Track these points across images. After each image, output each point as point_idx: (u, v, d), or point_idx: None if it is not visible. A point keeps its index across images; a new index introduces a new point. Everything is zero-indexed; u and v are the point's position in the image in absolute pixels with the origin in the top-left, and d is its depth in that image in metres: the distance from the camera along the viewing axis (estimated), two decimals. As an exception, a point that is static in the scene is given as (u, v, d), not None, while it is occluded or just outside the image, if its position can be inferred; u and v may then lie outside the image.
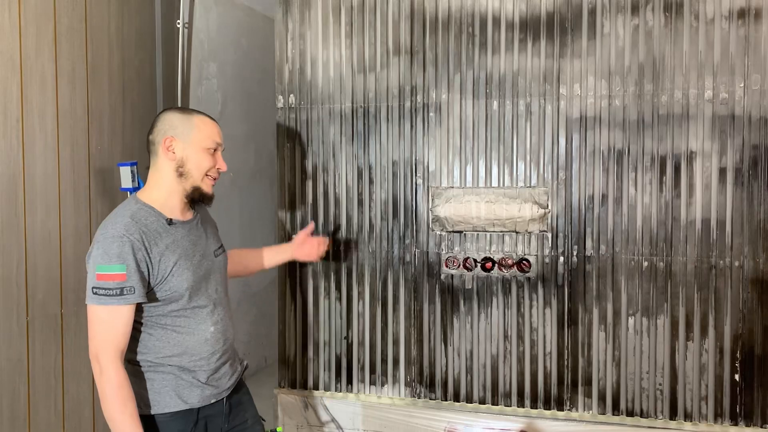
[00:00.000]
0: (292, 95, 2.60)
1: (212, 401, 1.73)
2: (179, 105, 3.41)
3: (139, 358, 1.66)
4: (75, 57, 2.65)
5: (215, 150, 1.73)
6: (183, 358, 1.67)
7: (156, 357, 1.65)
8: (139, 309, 1.62)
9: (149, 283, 1.60)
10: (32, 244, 2.44)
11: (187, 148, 1.68)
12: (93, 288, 1.55)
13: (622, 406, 2.34)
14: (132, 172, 2.62)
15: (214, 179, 1.75)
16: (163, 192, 1.69)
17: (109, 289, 1.53)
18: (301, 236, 2.32)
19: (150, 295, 1.62)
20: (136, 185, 2.63)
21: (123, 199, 2.80)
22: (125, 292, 1.54)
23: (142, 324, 1.64)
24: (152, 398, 1.65)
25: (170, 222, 1.67)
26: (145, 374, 1.66)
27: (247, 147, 4.28)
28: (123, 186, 2.65)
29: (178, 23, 3.40)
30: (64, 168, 2.59)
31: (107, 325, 1.55)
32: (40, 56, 2.49)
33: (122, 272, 1.53)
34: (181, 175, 1.69)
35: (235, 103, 4.13)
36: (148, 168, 1.70)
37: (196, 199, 1.73)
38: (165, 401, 1.65)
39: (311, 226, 2.41)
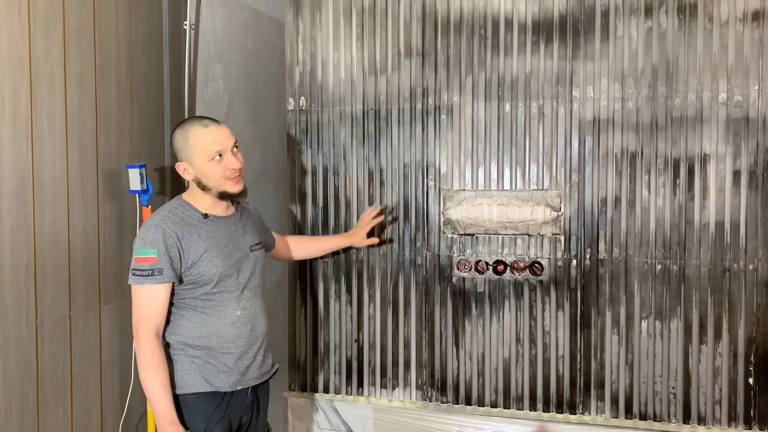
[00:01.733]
0: (302, 97, 2.59)
1: (238, 388, 1.87)
2: (186, 106, 3.40)
3: (172, 339, 1.85)
4: (83, 59, 2.64)
5: (221, 155, 1.84)
6: (211, 339, 1.84)
7: (187, 338, 1.84)
8: (173, 292, 1.83)
9: (181, 267, 1.81)
10: (41, 246, 2.43)
11: (195, 167, 1.86)
12: (132, 269, 1.80)
13: (635, 409, 2.33)
14: (141, 174, 2.61)
15: (236, 177, 1.88)
16: (197, 194, 1.92)
17: (143, 270, 1.77)
18: (365, 219, 2.44)
19: (182, 278, 1.82)
20: (145, 187, 2.62)
21: (131, 202, 2.80)
22: (155, 273, 1.76)
23: (174, 305, 1.85)
24: (180, 378, 1.83)
25: (205, 216, 1.89)
26: (177, 356, 1.85)
27: (252, 148, 4.27)
28: (131, 188, 2.64)
29: (185, 25, 3.39)
30: (73, 170, 2.58)
31: (143, 302, 1.78)
32: (49, 58, 2.47)
33: (153, 255, 1.76)
34: (203, 188, 1.88)
35: (241, 104, 4.11)
36: (155, 169, 1.82)
37: (230, 198, 1.92)
38: (192, 382, 1.82)
39: (375, 208, 2.46)
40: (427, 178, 2.47)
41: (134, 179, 2.62)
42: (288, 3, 2.59)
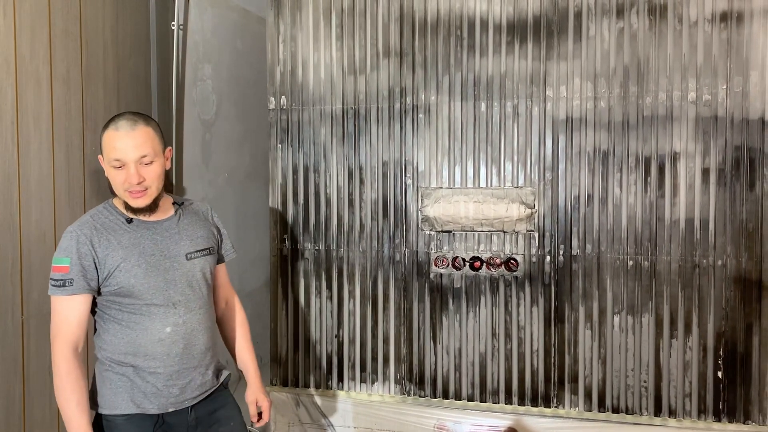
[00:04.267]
0: (283, 97, 2.63)
1: (170, 410, 1.69)
2: (174, 107, 3.44)
3: (99, 354, 1.71)
4: (70, 59, 2.68)
5: (122, 165, 1.63)
6: (137, 357, 1.66)
7: (113, 354, 1.68)
8: (95, 303, 1.69)
9: (97, 277, 1.65)
10: (27, 243, 2.46)
11: (105, 167, 1.68)
12: (49, 279, 1.68)
13: (608, 403, 2.37)
14: (126, 172, 2.64)
15: (137, 192, 1.65)
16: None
17: (57, 280, 1.65)
18: (253, 408, 1.98)
19: (100, 289, 1.66)
20: (130, 186, 2.65)
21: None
22: (66, 284, 1.62)
23: (99, 318, 1.71)
24: (108, 398, 1.67)
25: (129, 221, 1.71)
26: (105, 373, 1.69)
27: (241, 147, 4.30)
28: (117, 186, 2.67)
29: (173, 25, 3.42)
30: (59, 169, 2.61)
31: (57, 315, 1.65)
32: (34, 58, 2.51)
33: (66, 265, 1.63)
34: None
35: (230, 104, 4.14)
36: None
37: (134, 212, 1.71)
38: (118, 403, 1.67)
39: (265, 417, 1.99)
40: (405, 176, 2.51)
41: (119, 177, 2.64)
42: (269, 3, 2.64)
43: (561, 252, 2.38)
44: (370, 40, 2.52)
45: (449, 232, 2.48)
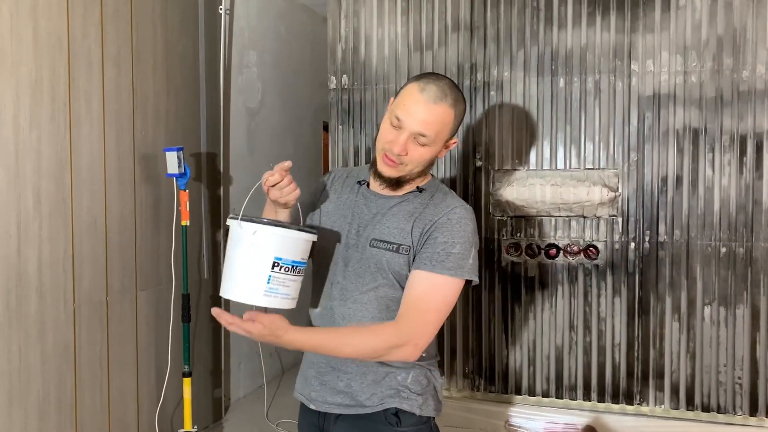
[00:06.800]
0: (345, 75, 2.51)
1: (304, 403, 1.46)
2: (221, 92, 3.34)
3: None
4: (120, 40, 2.59)
5: (398, 127, 1.33)
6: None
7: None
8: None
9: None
10: (79, 229, 2.38)
11: (387, 113, 1.39)
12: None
13: (697, 400, 2.21)
14: (178, 157, 2.55)
15: (390, 160, 1.34)
16: None
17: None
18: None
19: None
20: (182, 171, 2.56)
21: (168, 186, 2.73)
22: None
23: None
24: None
25: (360, 182, 1.44)
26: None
27: (284, 137, 4.21)
28: (169, 171, 2.58)
29: (220, 9, 3.33)
30: (110, 153, 2.53)
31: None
32: (86, 38, 2.42)
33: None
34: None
35: (274, 92, 4.05)
36: (192, 155, 1.50)
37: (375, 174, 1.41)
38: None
39: None
40: (475, 157, 2.37)
41: (172, 162, 2.55)
42: (330, -23, 2.51)
43: (647, 238, 2.22)
44: (438, 13, 2.39)
45: (523, 217, 2.33)
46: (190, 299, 2.69)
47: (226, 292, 1.26)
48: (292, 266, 1.24)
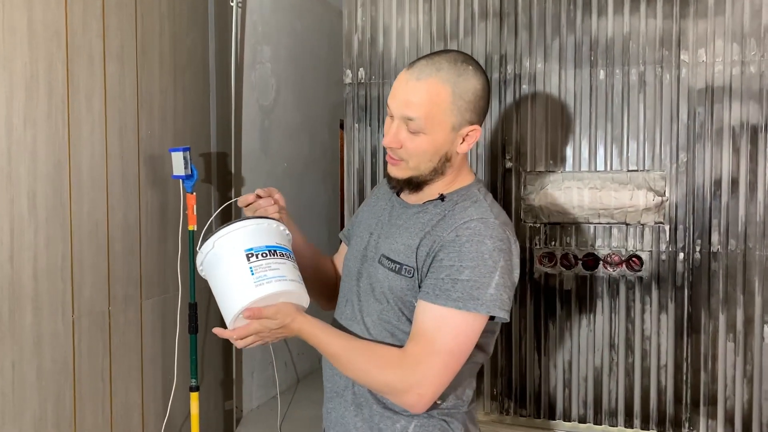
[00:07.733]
0: (361, 69, 2.33)
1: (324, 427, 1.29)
2: (233, 89, 3.19)
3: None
4: (124, 33, 2.45)
5: (391, 116, 1.18)
6: None
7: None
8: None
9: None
10: (78, 236, 2.24)
11: None
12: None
13: (755, 429, 2.00)
14: (185, 158, 2.42)
15: (390, 156, 1.18)
16: None
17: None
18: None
19: None
20: (189, 172, 2.42)
21: (176, 188, 2.59)
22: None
23: None
24: None
25: (392, 186, 1.24)
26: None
27: (299, 136, 4.05)
28: (175, 173, 2.44)
29: (232, 1, 3.18)
30: (113, 154, 2.39)
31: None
32: (87, 32, 2.28)
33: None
34: None
35: (288, 90, 3.89)
36: (201, 155, 1.39)
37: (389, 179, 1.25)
38: None
39: None
40: (505, 158, 2.17)
41: (177, 164, 2.42)
42: (346, -38, 2.33)
43: (697, 248, 2.02)
44: (464, 0, 2.20)
45: (558, 224, 2.13)
46: (198, 308, 2.55)
47: (228, 315, 1.18)
48: (269, 250, 1.16)
